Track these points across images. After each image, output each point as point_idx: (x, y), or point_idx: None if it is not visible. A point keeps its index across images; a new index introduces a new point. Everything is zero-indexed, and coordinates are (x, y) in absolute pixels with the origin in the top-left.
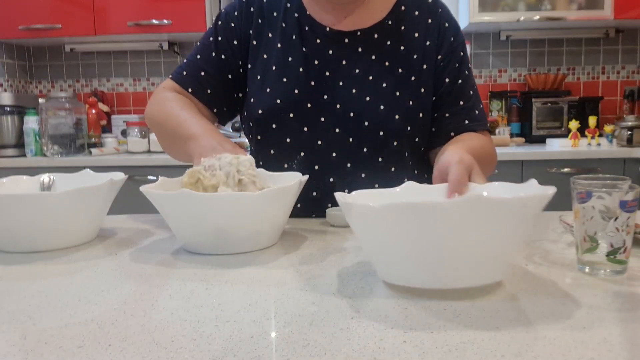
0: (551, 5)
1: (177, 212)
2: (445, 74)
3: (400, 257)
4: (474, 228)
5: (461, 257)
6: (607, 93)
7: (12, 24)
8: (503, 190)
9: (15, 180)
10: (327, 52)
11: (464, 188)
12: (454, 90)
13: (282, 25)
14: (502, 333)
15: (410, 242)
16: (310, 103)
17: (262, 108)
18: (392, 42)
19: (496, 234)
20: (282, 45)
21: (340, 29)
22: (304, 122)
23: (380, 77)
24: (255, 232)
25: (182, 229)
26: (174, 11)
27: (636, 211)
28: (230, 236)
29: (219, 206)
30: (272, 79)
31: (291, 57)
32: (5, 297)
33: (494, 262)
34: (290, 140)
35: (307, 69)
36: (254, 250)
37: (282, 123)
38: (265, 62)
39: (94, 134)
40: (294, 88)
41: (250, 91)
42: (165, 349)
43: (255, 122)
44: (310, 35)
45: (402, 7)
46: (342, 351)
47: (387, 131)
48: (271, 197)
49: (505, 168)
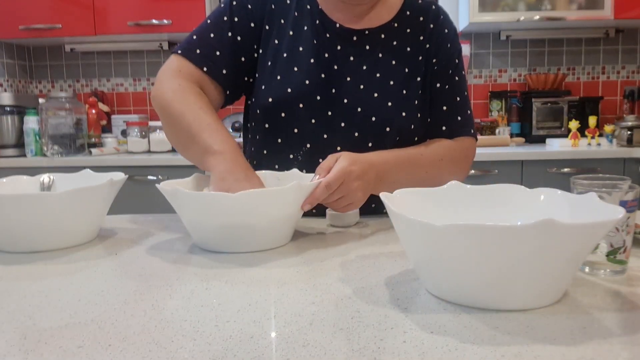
0: (551, 5)
1: (193, 210)
2: (436, 78)
3: (458, 275)
4: (543, 251)
5: (524, 279)
6: (607, 93)
7: (12, 24)
8: (564, 202)
9: (15, 180)
10: (336, 47)
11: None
12: (441, 95)
13: (295, 14)
14: (502, 333)
15: (473, 263)
16: (320, 95)
17: (273, 96)
18: (398, 42)
19: (563, 257)
20: (293, 33)
21: (350, 27)
22: (313, 113)
23: (388, 74)
24: (274, 229)
25: (198, 228)
26: (174, 11)
27: (636, 211)
28: (248, 233)
29: (239, 204)
30: (282, 66)
31: (302, 47)
32: (5, 297)
33: (555, 285)
34: (297, 130)
35: (317, 61)
36: (270, 248)
37: (291, 113)
38: (277, 48)
39: (94, 134)
40: (305, 79)
41: (259, 77)
42: (165, 349)
43: (264, 109)
44: (320, 29)
45: (408, 12)
46: (342, 351)
47: (394, 127)
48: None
49: (506, 168)
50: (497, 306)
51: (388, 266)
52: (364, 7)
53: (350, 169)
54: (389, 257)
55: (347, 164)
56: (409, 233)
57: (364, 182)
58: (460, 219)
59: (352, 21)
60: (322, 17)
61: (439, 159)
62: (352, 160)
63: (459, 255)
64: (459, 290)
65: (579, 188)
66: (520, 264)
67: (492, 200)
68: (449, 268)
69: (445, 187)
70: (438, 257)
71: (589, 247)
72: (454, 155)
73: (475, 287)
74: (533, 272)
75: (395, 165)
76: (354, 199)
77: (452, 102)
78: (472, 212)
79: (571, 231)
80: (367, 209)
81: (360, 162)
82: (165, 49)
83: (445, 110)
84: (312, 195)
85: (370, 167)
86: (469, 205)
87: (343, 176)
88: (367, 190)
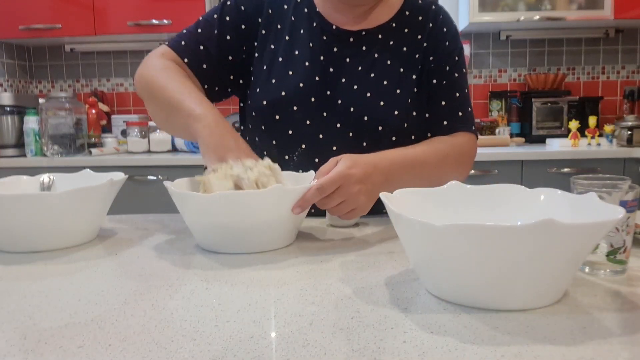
0: (551, 5)
1: (196, 212)
2: (433, 75)
3: (458, 275)
4: (543, 251)
5: (524, 279)
6: (607, 93)
7: (12, 24)
8: (564, 202)
9: (15, 180)
10: (332, 49)
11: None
12: (439, 91)
13: (292, 19)
14: (502, 333)
15: (473, 263)
16: (314, 97)
17: (267, 99)
18: (395, 42)
19: (564, 257)
20: (290, 38)
21: (347, 28)
22: (307, 115)
23: (382, 74)
24: (277, 230)
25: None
26: (174, 11)
27: (636, 211)
28: (250, 234)
29: (244, 203)
30: (278, 70)
31: (298, 50)
32: (5, 297)
33: (555, 285)
34: (292, 132)
35: (312, 64)
36: (272, 249)
37: (285, 115)
38: (272, 53)
39: (94, 134)
40: (299, 81)
41: (255, 80)
42: (165, 349)
43: (259, 112)
44: (317, 32)
45: (407, 12)
46: (342, 351)
47: (386, 126)
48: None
49: (506, 168)
50: (497, 306)
51: (388, 266)
52: (364, 8)
53: (349, 172)
54: (389, 257)
55: (345, 167)
56: (409, 233)
57: (367, 185)
58: (460, 219)
59: (352, 22)
60: (319, 20)
61: (444, 156)
62: (352, 163)
63: (459, 255)
64: (459, 290)
65: (579, 188)
66: (520, 264)
67: (492, 200)
68: (449, 268)
69: (445, 187)
70: (438, 257)
71: (589, 247)
72: (456, 151)
73: (475, 287)
74: (533, 272)
75: (401, 165)
76: (357, 204)
77: (451, 98)
78: (472, 212)
79: (571, 231)
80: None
81: (362, 165)
82: None
83: (445, 106)
84: (303, 198)
85: (374, 169)
86: (469, 205)
87: (340, 180)
88: (373, 193)
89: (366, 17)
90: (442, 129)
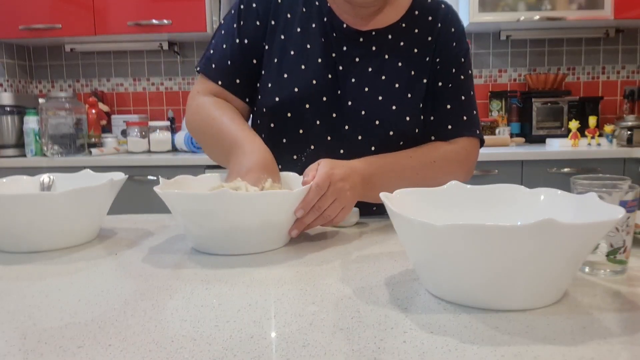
0: (551, 5)
1: (189, 212)
2: (439, 76)
3: (458, 275)
4: (543, 251)
5: (524, 279)
6: (607, 93)
7: (12, 24)
8: (564, 202)
9: (15, 180)
10: (342, 47)
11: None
12: (444, 94)
13: (303, 10)
14: (502, 333)
15: (473, 263)
16: (326, 96)
17: (280, 96)
18: (405, 43)
19: (564, 257)
20: (301, 30)
21: (356, 28)
22: (318, 115)
23: (393, 77)
24: (269, 231)
25: (194, 229)
26: (174, 11)
27: (636, 211)
28: (243, 235)
29: (234, 205)
30: (290, 63)
31: (310, 44)
32: (5, 297)
33: (555, 285)
34: (302, 131)
35: (325, 61)
36: (265, 251)
37: (297, 113)
38: (283, 44)
39: (94, 134)
40: (312, 78)
41: (266, 74)
42: (165, 349)
43: (270, 109)
44: (328, 27)
45: (416, 12)
46: (342, 351)
47: (397, 131)
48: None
49: (505, 168)
50: (497, 306)
51: (388, 266)
52: (371, 9)
53: (333, 172)
54: (389, 257)
55: (329, 168)
56: (409, 233)
57: (349, 183)
58: (460, 219)
59: (360, 22)
60: (331, 16)
61: (431, 161)
62: (332, 165)
63: (459, 255)
64: (459, 290)
65: (579, 188)
66: (520, 264)
67: (492, 200)
68: (449, 268)
69: (445, 187)
70: (438, 257)
71: (589, 247)
72: (450, 156)
73: (475, 287)
74: (533, 272)
75: (380, 167)
76: (345, 201)
77: (456, 101)
78: (472, 212)
79: (571, 231)
80: (368, 211)
81: (341, 166)
82: (165, 49)
83: (450, 109)
84: (305, 200)
85: (353, 171)
86: (469, 205)
87: (328, 178)
88: (356, 191)
89: (375, 16)
90: (446, 133)
